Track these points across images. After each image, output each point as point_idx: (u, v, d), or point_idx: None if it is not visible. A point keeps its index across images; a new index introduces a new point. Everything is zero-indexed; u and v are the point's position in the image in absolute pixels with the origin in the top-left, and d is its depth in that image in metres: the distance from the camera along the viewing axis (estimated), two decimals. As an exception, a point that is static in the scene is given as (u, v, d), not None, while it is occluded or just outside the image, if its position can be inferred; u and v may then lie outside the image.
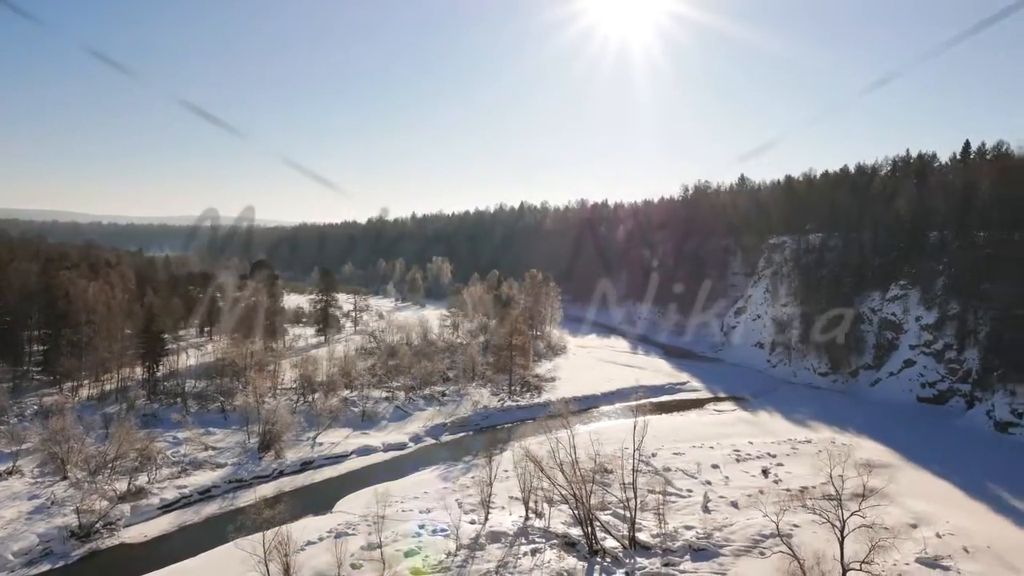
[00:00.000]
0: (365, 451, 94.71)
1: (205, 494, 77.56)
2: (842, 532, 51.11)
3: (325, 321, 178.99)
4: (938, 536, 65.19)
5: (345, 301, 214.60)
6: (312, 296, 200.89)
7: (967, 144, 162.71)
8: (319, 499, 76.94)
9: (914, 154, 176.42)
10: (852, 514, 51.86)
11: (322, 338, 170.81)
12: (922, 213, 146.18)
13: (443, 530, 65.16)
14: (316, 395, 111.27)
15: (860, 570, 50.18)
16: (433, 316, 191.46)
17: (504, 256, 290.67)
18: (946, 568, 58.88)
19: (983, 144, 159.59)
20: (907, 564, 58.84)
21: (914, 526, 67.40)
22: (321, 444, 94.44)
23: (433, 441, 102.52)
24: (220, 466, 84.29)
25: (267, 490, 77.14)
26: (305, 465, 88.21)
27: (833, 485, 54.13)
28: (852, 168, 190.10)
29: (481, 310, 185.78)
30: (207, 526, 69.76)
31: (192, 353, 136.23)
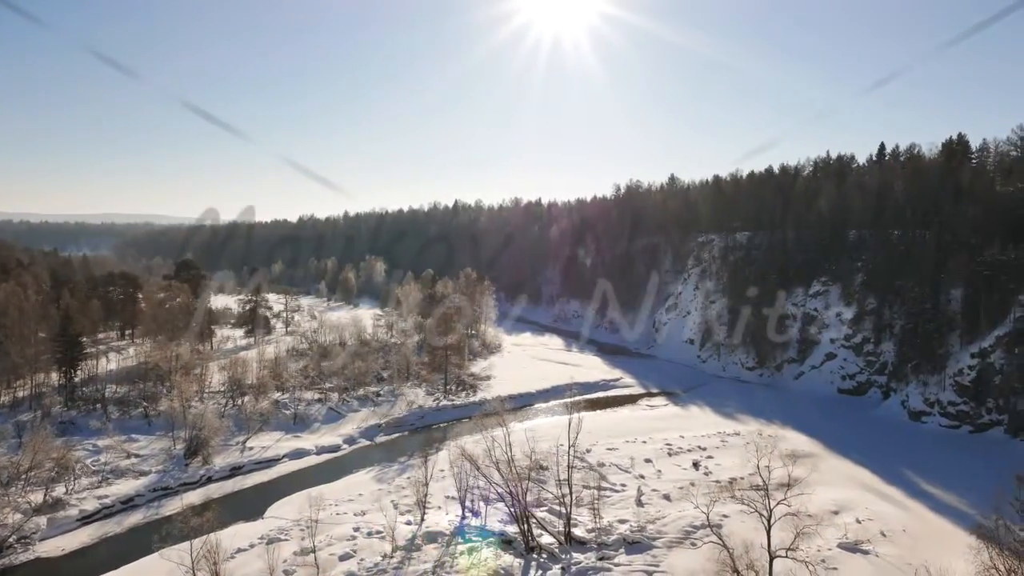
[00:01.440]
0: (297, 454, 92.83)
1: (128, 504, 74.73)
2: (769, 521, 52.84)
3: (254, 322, 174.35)
4: (858, 521, 68.40)
5: (276, 301, 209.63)
6: (240, 296, 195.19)
7: (882, 146, 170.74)
8: (250, 505, 74.99)
9: (834, 156, 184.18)
10: (778, 503, 53.75)
11: (251, 339, 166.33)
12: (841, 212, 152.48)
13: (378, 532, 64.45)
14: (246, 398, 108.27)
15: (786, 557, 51.99)
16: (367, 316, 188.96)
17: (438, 255, 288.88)
18: (865, 552, 61.87)
19: (896, 146, 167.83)
20: (830, 549, 61.52)
21: (836, 512, 70.50)
22: (251, 448, 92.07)
23: (368, 442, 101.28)
24: (144, 474, 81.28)
25: (194, 497, 74.80)
26: (234, 470, 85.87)
27: (760, 476, 55.85)
28: (776, 168, 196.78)
29: (415, 309, 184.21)
30: (130, 537, 67.16)
31: (113, 357, 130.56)
